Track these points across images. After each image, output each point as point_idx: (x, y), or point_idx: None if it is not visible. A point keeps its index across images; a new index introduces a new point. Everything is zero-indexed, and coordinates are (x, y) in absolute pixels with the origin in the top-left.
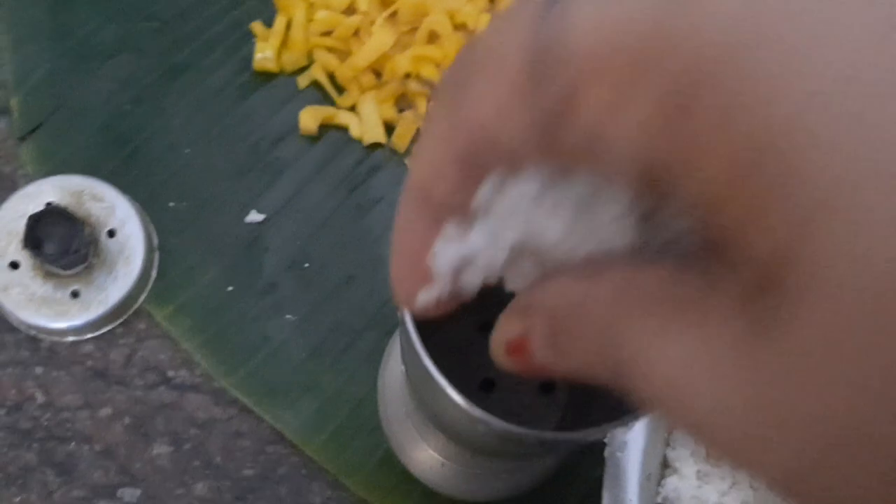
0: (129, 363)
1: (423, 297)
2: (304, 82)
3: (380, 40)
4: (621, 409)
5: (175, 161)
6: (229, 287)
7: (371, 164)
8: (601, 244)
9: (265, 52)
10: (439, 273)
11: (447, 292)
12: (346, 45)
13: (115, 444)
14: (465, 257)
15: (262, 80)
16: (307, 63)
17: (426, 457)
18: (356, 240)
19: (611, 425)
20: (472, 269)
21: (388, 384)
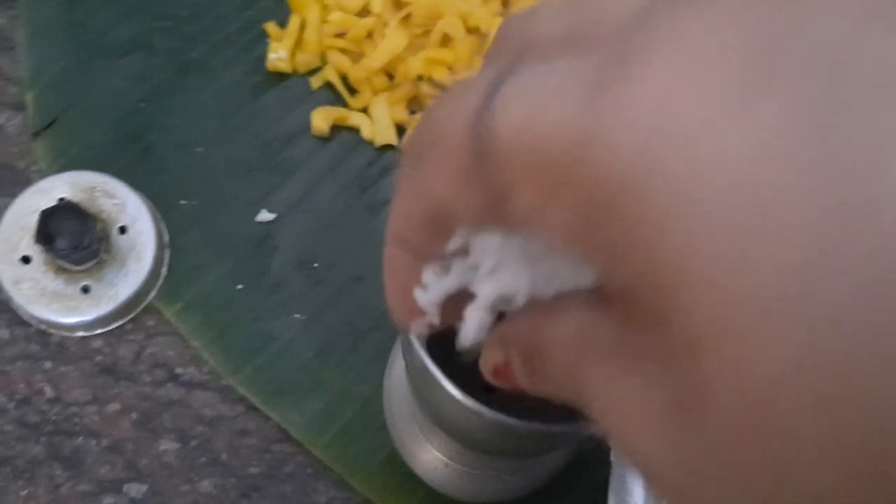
0: (137, 359)
1: (415, 326)
2: (316, 83)
3: (393, 42)
4: None
5: (187, 159)
6: (238, 285)
7: (382, 166)
8: (563, 285)
9: (278, 53)
10: (426, 308)
11: (437, 321)
12: (360, 47)
13: (123, 440)
14: (447, 293)
15: (275, 81)
16: (320, 64)
17: (430, 457)
18: (365, 240)
19: None
20: (457, 301)
21: (394, 384)
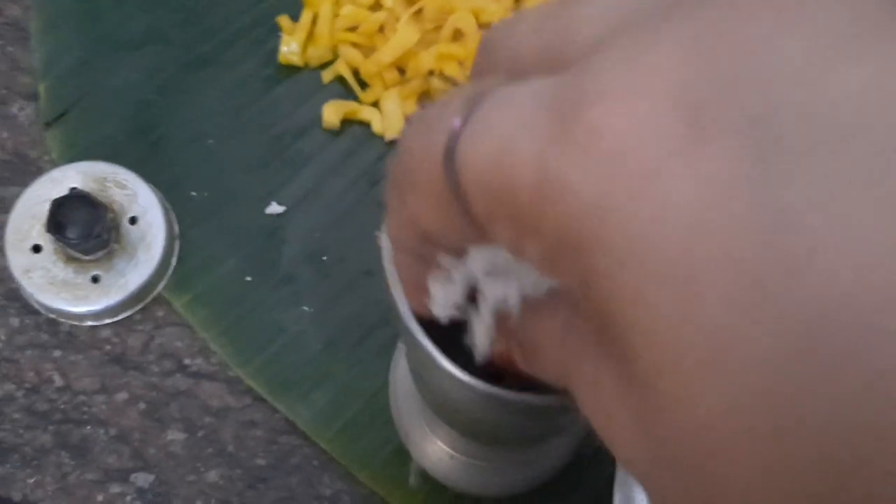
0: (146, 349)
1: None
2: (328, 77)
3: (404, 37)
4: None
5: (198, 151)
6: (247, 277)
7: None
8: (554, 284)
9: (290, 46)
10: (442, 319)
11: (455, 315)
12: (371, 41)
13: (130, 429)
14: (456, 304)
15: (287, 74)
16: (332, 58)
17: (436, 448)
18: (375, 234)
19: None
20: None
21: (401, 378)
